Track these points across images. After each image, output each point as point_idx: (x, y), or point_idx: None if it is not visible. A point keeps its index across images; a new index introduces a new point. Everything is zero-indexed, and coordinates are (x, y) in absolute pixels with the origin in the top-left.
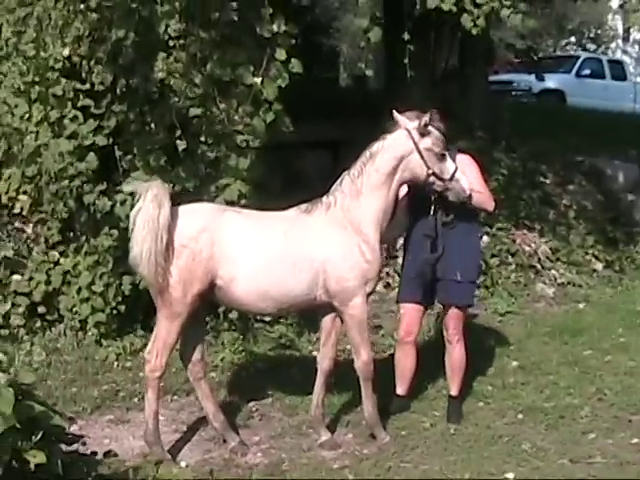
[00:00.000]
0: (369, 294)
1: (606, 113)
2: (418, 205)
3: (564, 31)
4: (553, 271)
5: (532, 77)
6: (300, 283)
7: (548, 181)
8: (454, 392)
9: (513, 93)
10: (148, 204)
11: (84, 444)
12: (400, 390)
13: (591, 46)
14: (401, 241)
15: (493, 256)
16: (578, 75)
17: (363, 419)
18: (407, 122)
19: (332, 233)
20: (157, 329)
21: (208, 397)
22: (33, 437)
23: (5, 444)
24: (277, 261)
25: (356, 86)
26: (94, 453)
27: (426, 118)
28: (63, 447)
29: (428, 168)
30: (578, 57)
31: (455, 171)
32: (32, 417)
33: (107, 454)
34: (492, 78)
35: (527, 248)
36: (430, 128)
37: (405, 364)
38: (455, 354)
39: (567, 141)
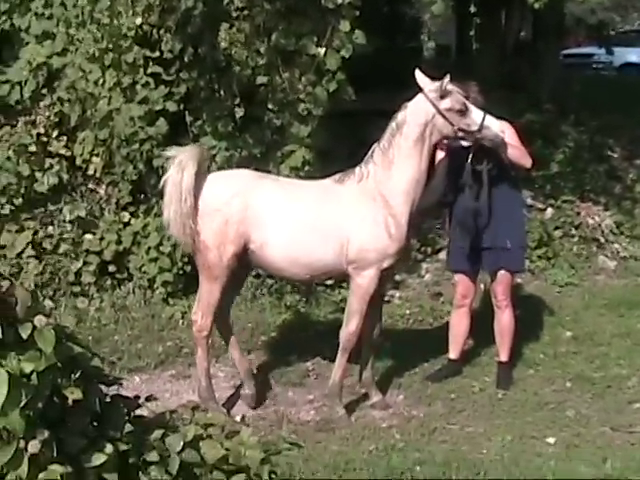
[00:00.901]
0: (386, 269)
1: None
2: (458, 169)
3: None
4: (616, 244)
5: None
6: (328, 251)
7: (615, 155)
8: (504, 358)
9: (594, 66)
10: (173, 169)
11: (121, 385)
12: (453, 354)
13: None
14: None
15: (557, 228)
16: None
17: (414, 382)
18: (425, 86)
19: (361, 204)
20: (200, 291)
21: (234, 346)
22: (72, 376)
23: (46, 380)
24: (306, 229)
25: (437, 56)
26: (137, 396)
27: (444, 81)
28: (104, 388)
29: (453, 126)
30: None
31: (484, 119)
32: (72, 357)
33: (148, 398)
34: (573, 51)
35: (591, 221)
36: (448, 87)
37: (459, 329)
38: (504, 320)
39: (638, 116)
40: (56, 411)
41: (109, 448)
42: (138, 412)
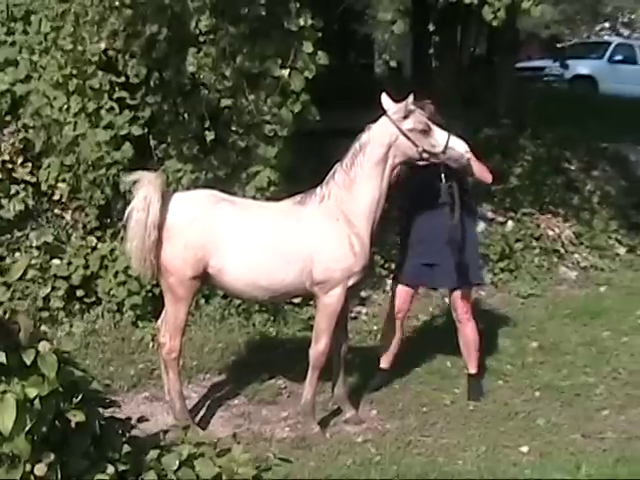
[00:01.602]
0: (351, 287)
1: (637, 99)
2: (421, 186)
3: (598, 17)
4: (576, 255)
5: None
6: (289, 273)
7: (572, 167)
8: (472, 370)
9: (545, 79)
10: (138, 204)
11: (119, 407)
12: (385, 364)
13: (625, 31)
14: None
15: (517, 240)
16: (610, 61)
17: (386, 396)
18: (390, 108)
19: (323, 224)
20: (166, 313)
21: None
22: (74, 399)
23: (49, 405)
24: (265, 252)
25: (391, 74)
26: (129, 418)
27: (407, 101)
28: (100, 410)
29: (417, 147)
30: (610, 43)
31: (448, 140)
32: (73, 381)
33: (140, 419)
34: (524, 64)
35: (551, 232)
36: (410, 108)
37: (391, 338)
38: (467, 333)
39: (593, 128)
40: (59, 434)
41: (110, 469)
42: (132, 433)
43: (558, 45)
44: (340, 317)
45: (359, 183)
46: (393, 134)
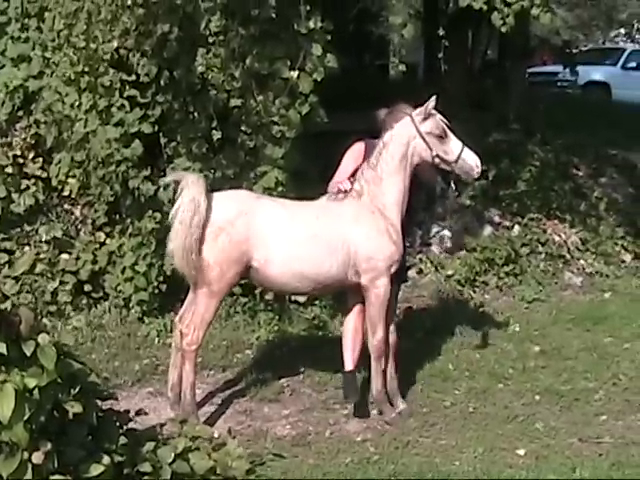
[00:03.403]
0: (392, 275)
1: None
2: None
3: (613, 23)
4: (582, 261)
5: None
6: (334, 264)
7: (580, 173)
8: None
9: (558, 84)
10: (185, 205)
11: (116, 399)
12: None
13: None
14: (435, 229)
15: (524, 245)
16: (624, 67)
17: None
18: (411, 109)
19: (363, 217)
20: (196, 305)
21: (178, 366)
22: (72, 391)
23: (48, 395)
24: (311, 243)
25: (404, 76)
26: (127, 411)
27: (428, 104)
28: (98, 402)
29: (431, 151)
30: (624, 50)
31: (462, 151)
32: (71, 373)
33: (139, 412)
34: (538, 69)
35: (557, 238)
36: (430, 112)
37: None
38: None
39: (602, 134)
40: (57, 424)
41: (106, 459)
42: (130, 425)
43: (569, 51)
44: (388, 307)
45: (386, 179)
46: (412, 134)
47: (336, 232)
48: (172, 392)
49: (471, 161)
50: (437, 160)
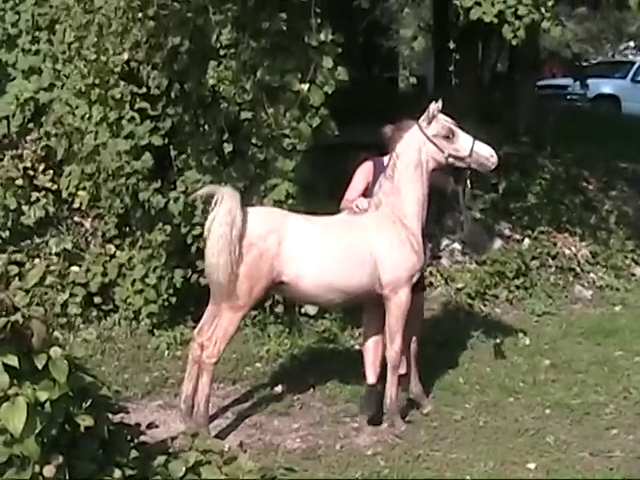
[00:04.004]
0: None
1: None
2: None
3: (622, 36)
4: (592, 274)
5: (588, 82)
6: (363, 276)
7: (591, 186)
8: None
9: (568, 97)
10: (222, 218)
11: (127, 413)
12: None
13: None
14: (445, 242)
15: (534, 258)
16: (634, 80)
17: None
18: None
19: (386, 229)
20: (219, 318)
21: (193, 378)
22: (83, 404)
23: (59, 408)
24: (341, 256)
25: (414, 88)
26: (138, 424)
27: (431, 109)
28: (110, 416)
29: (443, 152)
30: (634, 63)
31: (473, 144)
32: (83, 387)
33: (150, 426)
34: (548, 82)
35: (567, 251)
36: (433, 114)
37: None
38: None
39: (612, 147)
40: (68, 437)
41: (117, 473)
42: (141, 439)
43: (579, 64)
44: (410, 315)
45: (404, 188)
46: (421, 140)
47: (363, 244)
48: (185, 404)
49: (484, 152)
50: (451, 160)
